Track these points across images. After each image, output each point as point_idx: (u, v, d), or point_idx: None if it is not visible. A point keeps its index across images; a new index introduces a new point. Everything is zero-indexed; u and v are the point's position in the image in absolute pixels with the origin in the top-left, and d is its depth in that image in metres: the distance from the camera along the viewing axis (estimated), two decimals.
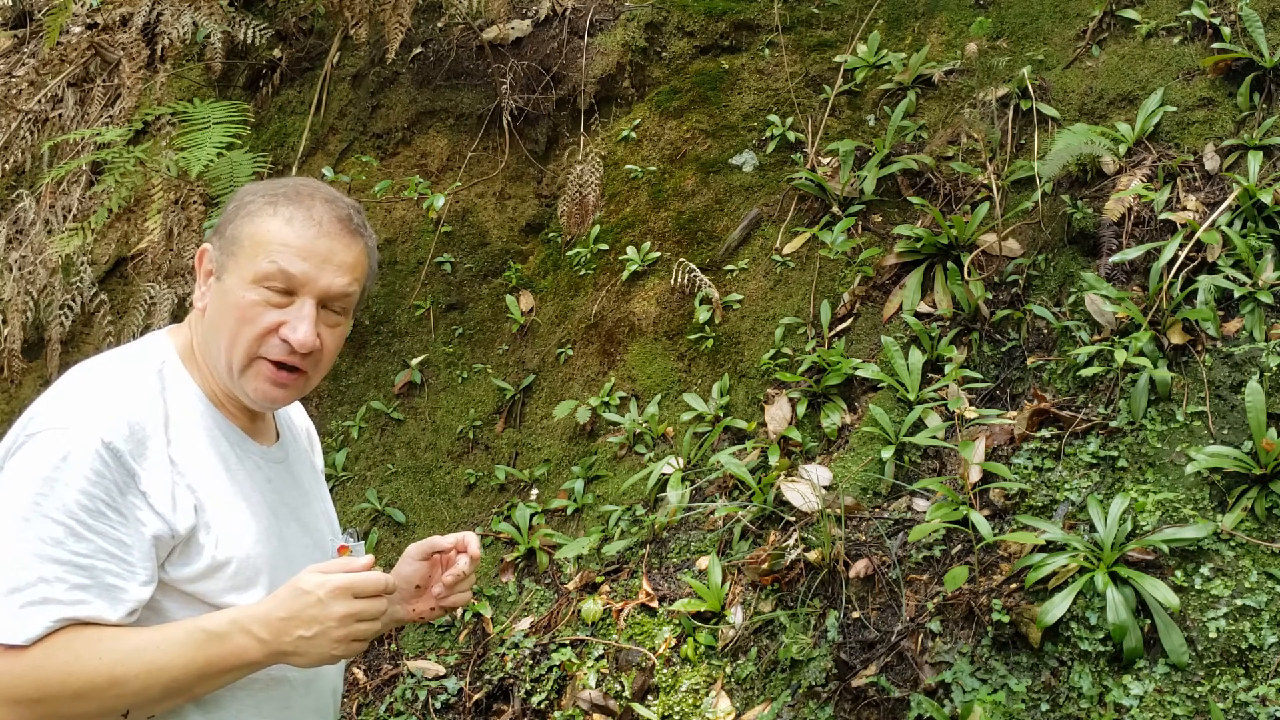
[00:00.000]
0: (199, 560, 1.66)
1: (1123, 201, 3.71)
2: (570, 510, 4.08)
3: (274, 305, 1.72)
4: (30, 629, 1.52)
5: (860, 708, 3.01)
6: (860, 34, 4.78)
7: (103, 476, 1.57)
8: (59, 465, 1.57)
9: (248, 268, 1.71)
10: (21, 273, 4.86)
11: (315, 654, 1.63)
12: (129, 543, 1.59)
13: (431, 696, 3.72)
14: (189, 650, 1.59)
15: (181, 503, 1.64)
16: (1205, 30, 4.05)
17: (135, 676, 1.56)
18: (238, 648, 1.62)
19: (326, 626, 1.61)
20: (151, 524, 1.61)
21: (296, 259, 1.71)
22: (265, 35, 5.22)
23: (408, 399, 4.70)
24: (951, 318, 3.86)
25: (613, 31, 5.07)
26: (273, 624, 1.61)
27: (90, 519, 1.56)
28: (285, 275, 1.70)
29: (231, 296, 1.72)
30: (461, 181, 5.07)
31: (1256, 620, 2.78)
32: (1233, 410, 3.16)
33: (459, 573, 1.91)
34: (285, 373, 1.75)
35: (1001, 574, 3.07)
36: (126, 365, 1.73)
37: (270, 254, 1.70)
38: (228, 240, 1.75)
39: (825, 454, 3.75)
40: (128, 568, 1.59)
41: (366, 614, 1.64)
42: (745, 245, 4.45)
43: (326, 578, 1.62)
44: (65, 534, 1.55)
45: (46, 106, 5.29)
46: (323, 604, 1.61)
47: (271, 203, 1.75)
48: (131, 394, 1.67)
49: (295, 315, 1.72)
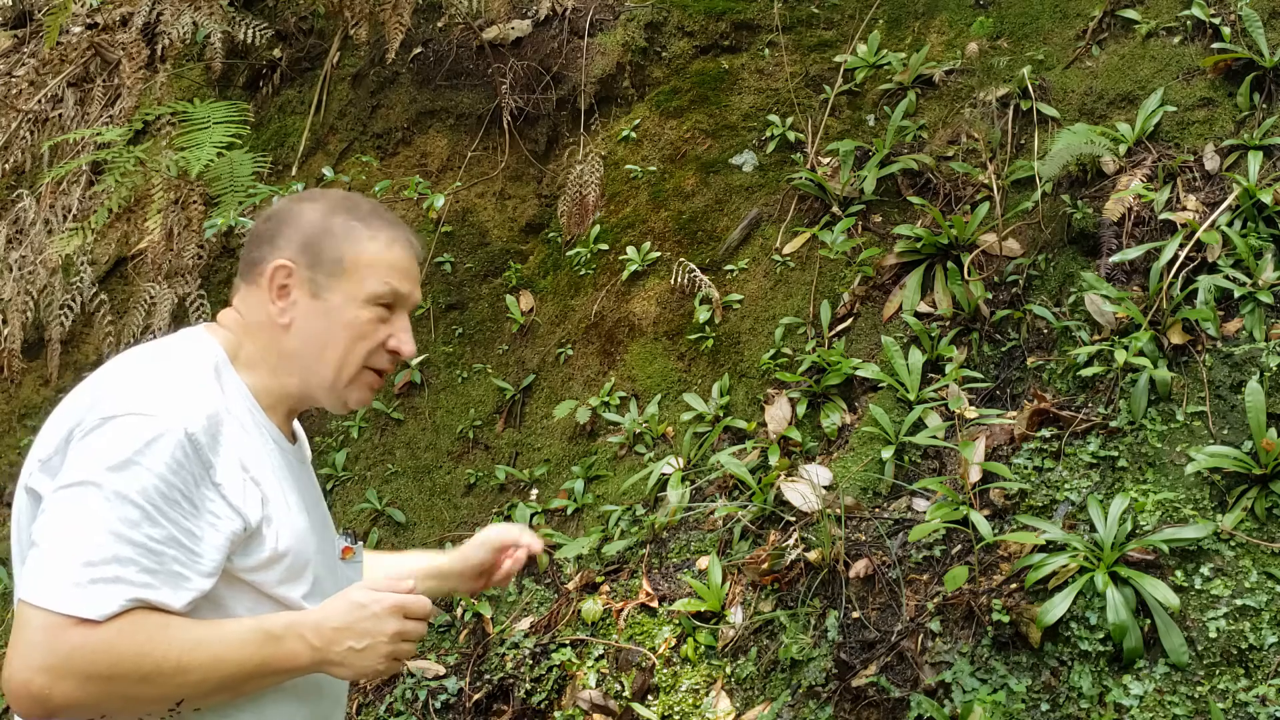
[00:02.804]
0: (261, 551, 1.71)
1: (1123, 201, 3.71)
2: (570, 510, 4.08)
3: (383, 321, 1.87)
4: (106, 605, 1.54)
5: (860, 708, 3.01)
6: (860, 34, 4.78)
7: (182, 466, 1.61)
8: (143, 450, 1.59)
9: (359, 290, 1.84)
10: (21, 273, 4.86)
11: (359, 666, 1.70)
12: (198, 534, 1.62)
13: (431, 696, 3.72)
14: (248, 648, 1.64)
15: (250, 496, 1.69)
16: (1205, 30, 4.05)
17: (199, 666, 1.60)
18: (291, 652, 1.67)
19: (376, 641, 1.69)
20: (226, 517, 1.65)
21: (404, 279, 1.88)
22: (265, 35, 5.23)
23: (408, 399, 4.70)
24: (951, 318, 3.86)
25: (613, 31, 5.07)
26: (325, 633, 1.68)
27: (166, 506, 1.59)
28: (396, 295, 1.86)
29: (342, 315, 1.84)
30: (461, 181, 5.07)
31: (1256, 620, 2.78)
32: (1233, 410, 3.16)
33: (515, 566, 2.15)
34: (379, 379, 1.91)
35: (1001, 574, 3.07)
36: (186, 360, 1.77)
37: (383, 276, 1.85)
38: (327, 263, 1.84)
39: (825, 454, 3.75)
40: (194, 558, 1.62)
41: (413, 635, 1.73)
42: (745, 245, 4.45)
43: (382, 595, 1.71)
44: (142, 517, 1.57)
45: (46, 106, 5.29)
46: (377, 619, 1.69)
47: (366, 224, 1.87)
48: (203, 388, 1.72)
49: (400, 329, 1.88)
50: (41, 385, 5.26)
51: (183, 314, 4.72)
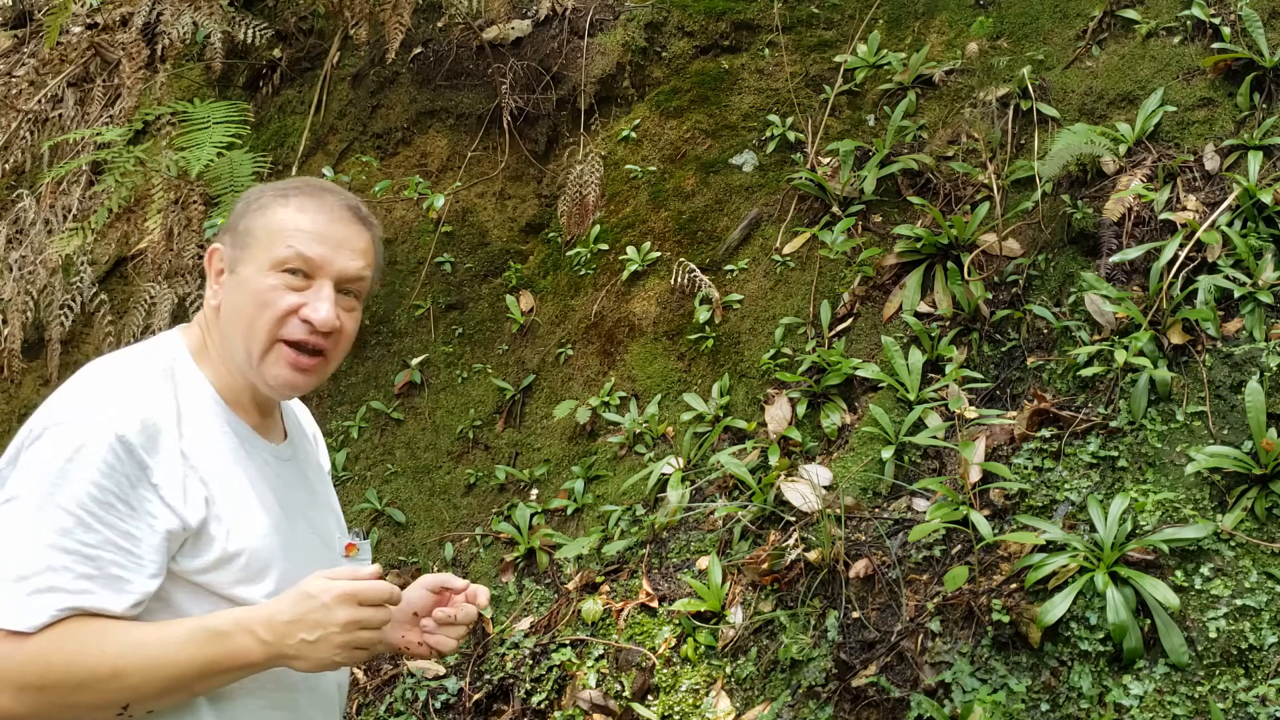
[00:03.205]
0: (210, 552, 1.69)
1: (1123, 201, 3.71)
2: (570, 510, 4.08)
3: (293, 289, 1.77)
4: (36, 616, 1.55)
5: (860, 708, 3.01)
6: (860, 34, 4.77)
7: (114, 469, 1.60)
8: (72, 457, 1.60)
9: (264, 256, 1.77)
10: (21, 273, 4.86)
11: (316, 658, 1.65)
12: (137, 535, 1.62)
13: (431, 696, 3.72)
14: (190, 648, 1.61)
15: (192, 495, 1.67)
16: (1205, 30, 4.05)
17: (136, 670, 1.58)
18: (240, 648, 1.63)
19: (329, 632, 1.63)
20: (163, 517, 1.64)
21: (314, 243, 1.77)
22: (265, 35, 5.22)
23: (408, 399, 4.70)
24: (951, 318, 3.86)
25: (613, 31, 5.07)
26: (276, 626, 1.63)
27: (100, 510, 1.59)
28: (303, 259, 1.77)
29: (249, 285, 1.77)
30: (461, 181, 5.07)
31: (1256, 620, 2.78)
32: (1233, 410, 3.16)
33: (449, 615, 1.93)
34: (305, 356, 1.79)
35: (1001, 574, 3.07)
36: (139, 362, 1.77)
37: (287, 240, 1.76)
38: (240, 235, 1.81)
39: (825, 454, 3.75)
40: (135, 560, 1.61)
41: (369, 622, 1.66)
42: (745, 245, 4.45)
43: (332, 583, 1.64)
44: (75, 524, 1.58)
45: (46, 106, 5.29)
46: (327, 609, 1.63)
47: (283, 195, 1.81)
48: (144, 389, 1.70)
49: (314, 296, 1.78)
50: (42, 385, 5.26)
51: (183, 314, 4.71)
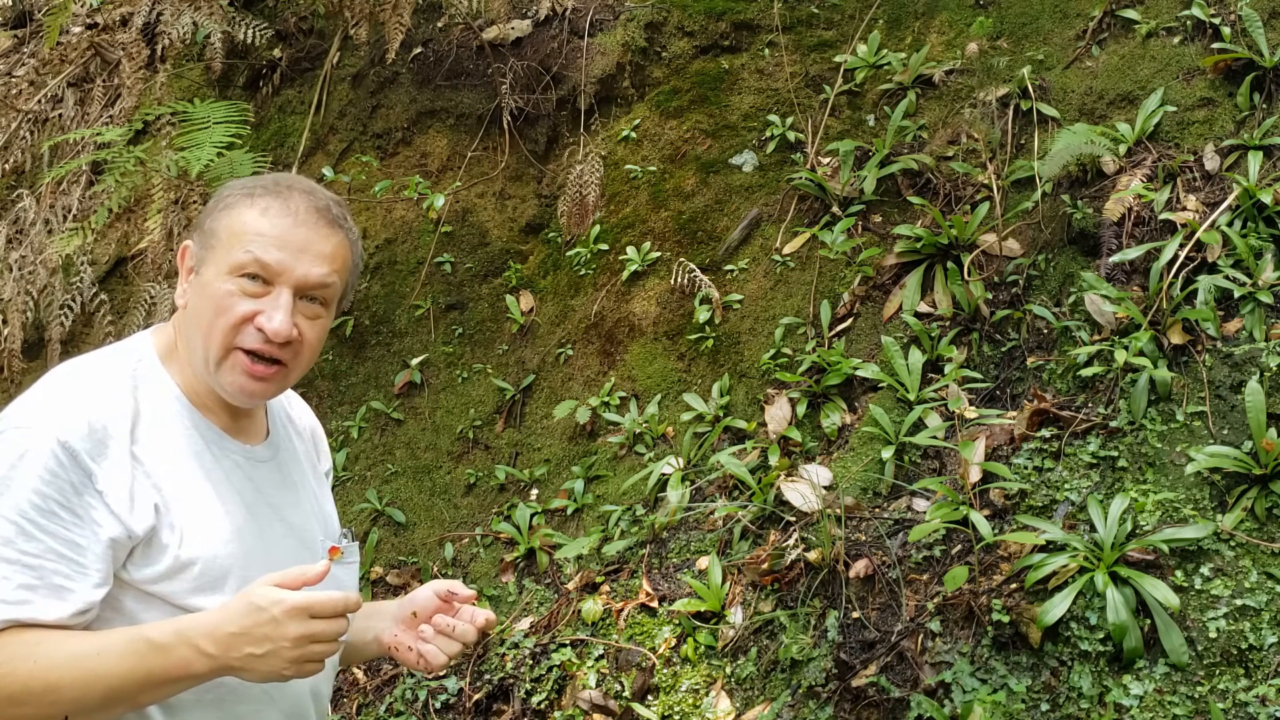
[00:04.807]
0: (161, 560, 1.63)
1: (1123, 201, 3.71)
2: (570, 510, 4.08)
3: (250, 295, 1.69)
4: None
5: (860, 708, 3.01)
6: (860, 34, 4.77)
7: (57, 476, 1.56)
8: (14, 464, 1.56)
9: (224, 259, 1.70)
10: (21, 273, 4.86)
11: (264, 671, 1.56)
12: (81, 543, 1.57)
13: (431, 696, 3.72)
14: (128, 660, 1.54)
15: (141, 502, 1.61)
16: (1205, 30, 4.05)
17: (71, 684, 1.52)
18: (181, 660, 1.55)
19: (279, 646, 1.54)
20: (107, 524, 1.58)
21: (272, 248, 1.69)
22: (265, 35, 5.22)
23: (408, 399, 4.70)
24: (951, 318, 3.86)
25: (613, 31, 5.07)
26: (220, 639, 1.54)
27: (42, 518, 1.55)
28: (260, 264, 1.69)
29: (209, 289, 1.70)
30: (461, 181, 5.07)
31: (1256, 620, 2.78)
32: (1233, 410, 3.16)
33: (450, 625, 1.85)
34: (262, 365, 1.71)
35: (1001, 574, 3.07)
36: (100, 364, 1.72)
37: (245, 244, 1.69)
38: (206, 234, 1.75)
39: (825, 454, 3.75)
40: (78, 569, 1.56)
41: (323, 635, 1.56)
42: (745, 245, 4.45)
43: (283, 595, 1.54)
44: (15, 533, 1.54)
45: (46, 106, 5.29)
46: (276, 623, 1.53)
47: (249, 195, 1.74)
48: (97, 393, 1.65)
49: (271, 305, 1.69)
50: None
51: None
